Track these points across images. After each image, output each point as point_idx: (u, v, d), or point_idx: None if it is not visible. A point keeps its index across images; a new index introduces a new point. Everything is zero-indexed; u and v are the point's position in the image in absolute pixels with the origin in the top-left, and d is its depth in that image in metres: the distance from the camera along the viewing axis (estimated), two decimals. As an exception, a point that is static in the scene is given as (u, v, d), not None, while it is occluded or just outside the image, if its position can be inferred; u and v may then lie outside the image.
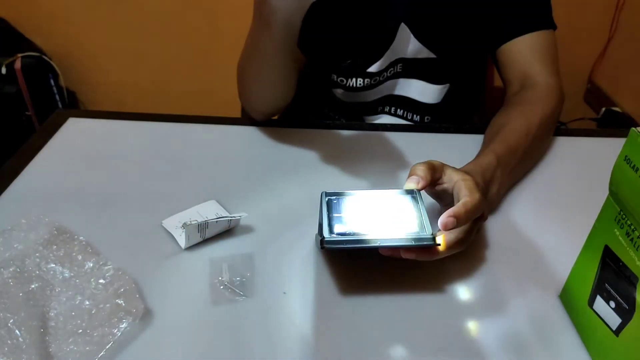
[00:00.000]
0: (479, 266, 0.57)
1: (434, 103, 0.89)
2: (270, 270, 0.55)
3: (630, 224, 0.41)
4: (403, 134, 0.80)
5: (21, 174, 0.68)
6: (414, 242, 0.49)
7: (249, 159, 0.74)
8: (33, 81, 1.65)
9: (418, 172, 0.53)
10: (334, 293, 0.53)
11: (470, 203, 0.51)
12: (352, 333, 0.49)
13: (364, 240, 0.49)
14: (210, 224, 0.56)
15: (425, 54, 0.83)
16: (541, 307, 0.52)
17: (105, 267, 0.52)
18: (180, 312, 0.50)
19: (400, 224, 0.51)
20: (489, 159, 0.62)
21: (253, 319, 0.50)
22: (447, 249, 0.51)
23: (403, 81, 0.87)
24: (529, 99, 0.75)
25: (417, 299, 0.53)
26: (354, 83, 0.86)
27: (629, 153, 0.40)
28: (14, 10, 1.68)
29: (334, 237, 0.49)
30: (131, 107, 1.81)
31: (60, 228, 0.56)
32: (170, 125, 0.80)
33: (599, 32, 1.73)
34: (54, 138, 0.76)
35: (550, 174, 0.72)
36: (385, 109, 0.91)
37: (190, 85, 1.83)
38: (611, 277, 0.44)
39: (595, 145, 0.80)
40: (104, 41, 1.75)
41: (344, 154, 0.75)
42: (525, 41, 0.79)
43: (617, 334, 0.43)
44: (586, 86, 1.86)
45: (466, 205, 0.51)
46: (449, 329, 0.50)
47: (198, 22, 1.71)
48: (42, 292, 0.50)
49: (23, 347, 0.44)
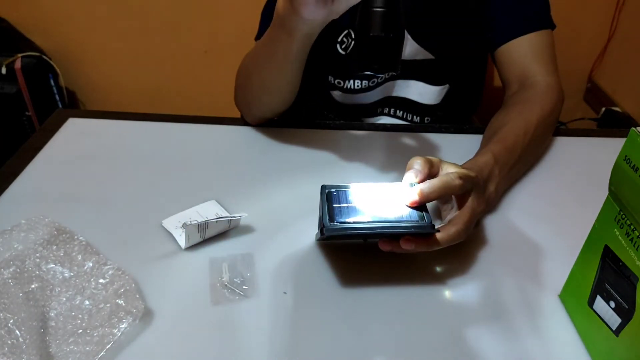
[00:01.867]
0: (478, 266, 0.57)
1: (433, 104, 0.89)
2: (270, 270, 0.55)
3: (630, 224, 0.41)
4: (403, 134, 0.80)
5: (21, 174, 0.68)
6: (413, 229, 0.49)
7: (249, 159, 0.74)
8: (33, 81, 1.65)
9: (416, 165, 0.54)
10: (334, 293, 0.53)
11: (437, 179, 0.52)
12: (352, 333, 0.49)
13: (363, 228, 0.49)
14: (210, 224, 0.57)
15: (423, 55, 0.83)
16: (541, 307, 0.52)
17: (105, 267, 0.52)
18: (180, 312, 0.50)
19: (399, 214, 0.51)
20: (486, 157, 0.62)
21: (253, 319, 0.50)
22: (446, 239, 0.51)
23: (402, 82, 0.87)
24: (527, 99, 0.75)
25: (418, 299, 0.53)
26: (351, 85, 0.86)
27: (629, 153, 0.40)
28: (14, 10, 1.68)
29: (334, 224, 0.49)
30: (131, 107, 1.82)
31: (60, 228, 0.56)
32: (170, 125, 0.80)
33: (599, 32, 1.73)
34: (54, 138, 0.76)
35: (550, 174, 0.72)
36: (385, 111, 0.91)
37: (190, 85, 1.83)
38: (611, 277, 0.44)
39: (595, 145, 0.80)
40: (104, 41, 1.75)
41: (344, 154, 0.75)
42: (524, 41, 0.79)
43: (617, 334, 0.43)
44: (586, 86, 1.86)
45: (432, 181, 0.51)
46: (449, 329, 0.50)
47: (198, 22, 1.71)
48: (42, 292, 0.50)
49: (23, 347, 0.44)
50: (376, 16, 0.52)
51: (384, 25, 0.52)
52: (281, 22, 0.63)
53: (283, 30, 0.64)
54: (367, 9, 0.53)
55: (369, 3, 0.53)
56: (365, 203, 0.52)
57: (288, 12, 0.60)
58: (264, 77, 0.73)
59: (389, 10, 0.52)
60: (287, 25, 0.63)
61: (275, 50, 0.68)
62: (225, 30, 1.68)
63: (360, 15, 0.54)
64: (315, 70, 0.82)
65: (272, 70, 0.71)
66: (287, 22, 0.62)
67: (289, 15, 0.61)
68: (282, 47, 0.66)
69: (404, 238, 0.50)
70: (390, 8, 0.52)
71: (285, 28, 0.63)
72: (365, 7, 0.53)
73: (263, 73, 0.72)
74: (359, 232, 0.50)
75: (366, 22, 0.53)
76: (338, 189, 0.53)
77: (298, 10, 0.58)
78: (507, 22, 0.80)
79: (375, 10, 0.52)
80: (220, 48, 1.73)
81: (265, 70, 0.72)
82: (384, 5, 0.52)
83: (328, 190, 0.53)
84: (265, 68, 0.72)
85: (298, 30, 0.63)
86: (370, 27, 0.52)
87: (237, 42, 0.77)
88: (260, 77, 0.73)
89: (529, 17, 0.80)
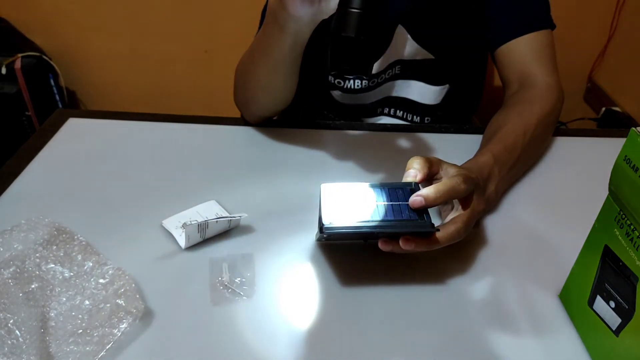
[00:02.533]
0: (478, 266, 0.57)
1: (433, 104, 0.89)
2: (270, 270, 0.55)
3: (630, 224, 0.41)
4: (403, 134, 0.80)
5: (21, 174, 0.68)
6: (413, 228, 0.49)
7: (249, 159, 0.74)
8: (33, 81, 1.65)
9: (415, 165, 0.54)
10: (334, 293, 0.53)
11: (442, 184, 0.51)
12: (353, 333, 0.49)
13: (363, 227, 0.49)
14: (210, 224, 0.57)
15: (423, 55, 0.83)
16: (541, 307, 0.52)
17: (105, 267, 0.52)
18: (181, 312, 0.50)
19: (398, 213, 0.51)
20: (485, 157, 0.62)
21: (253, 319, 0.50)
22: (445, 238, 0.51)
23: (402, 83, 0.87)
24: (527, 99, 0.75)
25: (418, 300, 0.53)
26: (351, 85, 0.86)
27: (629, 153, 0.40)
28: (14, 10, 1.68)
29: (334, 224, 0.49)
30: (131, 107, 1.82)
31: (60, 228, 0.56)
32: (170, 125, 0.80)
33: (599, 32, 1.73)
34: (54, 138, 0.76)
35: (550, 174, 0.72)
36: (385, 111, 0.91)
37: (190, 85, 1.83)
38: (611, 277, 0.44)
39: (595, 145, 0.80)
40: (104, 41, 1.75)
41: (344, 154, 0.75)
42: (524, 41, 0.79)
43: (617, 333, 0.43)
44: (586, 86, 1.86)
45: (437, 186, 0.51)
46: (449, 329, 0.50)
47: (198, 22, 1.71)
48: (42, 292, 0.50)
49: (23, 347, 0.44)
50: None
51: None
52: (273, 19, 0.64)
53: (275, 27, 0.65)
54: (344, 9, 0.53)
55: (347, 3, 0.53)
56: (365, 203, 0.52)
57: (278, 8, 0.62)
58: (260, 75, 0.73)
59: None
60: (278, 22, 0.63)
61: (269, 47, 0.68)
62: (225, 30, 1.68)
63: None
64: (315, 70, 0.82)
65: (267, 67, 0.71)
66: (278, 18, 0.63)
67: (279, 11, 0.62)
68: (275, 44, 0.67)
69: (404, 238, 0.50)
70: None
71: (277, 24, 0.64)
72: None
73: (258, 71, 0.73)
74: (359, 231, 0.50)
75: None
76: (338, 189, 0.53)
77: (286, 5, 0.59)
78: (507, 22, 0.80)
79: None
80: (220, 48, 1.73)
81: (260, 68, 0.72)
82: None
83: (328, 190, 0.53)
84: (260, 65, 0.72)
85: (288, 27, 0.63)
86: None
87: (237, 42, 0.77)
88: (256, 75, 0.74)
89: (529, 17, 0.79)
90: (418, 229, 0.50)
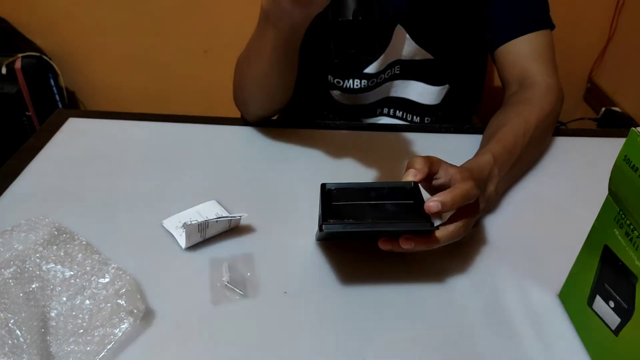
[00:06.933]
0: (478, 266, 0.57)
1: (433, 104, 0.89)
2: (270, 270, 0.55)
3: (630, 224, 0.41)
4: (403, 134, 0.80)
5: (21, 174, 0.68)
6: (412, 227, 0.49)
7: (249, 159, 0.74)
8: (33, 81, 1.64)
9: (415, 164, 0.54)
10: (334, 293, 0.53)
11: (458, 189, 0.51)
12: (353, 332, 0.49)
13: (362, 224, 0.49)
14: (210, 224, 0.57)
15: (422, 55, 0.83)
16: (541, 307, 0.52)
17: (106, 266, 0.52)
18: (181, 312, 0.50)
19: (398, 212, 0.51)
20: (485, 157, 0.62)
21: (253, 319, 0.50)
22: (445, 237, 0.52)
23: (401, 83, 0.87)
24: (527, 99, 0.75)
25: (417, 299, 0.53)
26: (350, 84, 0.86)
27: (629, 153, 0.40)
28: (14, 10, 1.68)
29: (333, 222, 0.49)
30: (131, 107, 1.81)
31: (60, 228, 0.56)
32: (170, 125, 0.80)
33: (599, 32, 1.73)
34: (54, 138, 0.76)
35: (550, 174, 0.72)
36: (384, 111, 0.91)
37: (190, 85, 1.83)
38: (610, 276, 0.44)
39: (595, 145, 0.80)
40: (104, 41, 1.75)
41: (343, 154, 0.75)
42: (524, 42, 0.79)
43: (617, 333, 0.43)
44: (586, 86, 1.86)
45: (453, 191, 0.51)
46: (449, 329, 0.50)
47: (198, 22, 1.71)
48: (43, 292, 0.50)
49: (24, 347, 0.44)
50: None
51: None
52: (266, 15, 0.64)
53: (268, 24, 0.64)
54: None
55: None
56: (364, 202, 0.52)
57: (270, 5, 0.62)
58: (256, 73, 0.73)
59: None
60: (272, 18, 0.63)
61: (264, 45, 0.68)
62: (225, 30, 1.68)
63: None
64: (314, 70, 0.82)
65: (263, 65, 0.71)
66: (271, 15, 0.63)
67: (272, 8, 0.62)
68: (269, 41, 0.67)
69: (404, 237, 0.50)
70: None
71: (270, 21, 0.64)
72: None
73: (255, 69, 0.73)
74: (358, 230, 0.50)
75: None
76: (338, 188, 0.53)
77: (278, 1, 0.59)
78: (507, 22, 0.80)
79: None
80: (220, 48, 1.73)
81: (256, 67, 0.72)
82: None
83: (328, 189, 0.53)
84: (256, 63, 0.72)
85: (282, 23, 0.63)
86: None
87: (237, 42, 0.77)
88: (252, 75, 0.74)
89: (529, 18, 0.80)
90: (418, 227, 0.50)
